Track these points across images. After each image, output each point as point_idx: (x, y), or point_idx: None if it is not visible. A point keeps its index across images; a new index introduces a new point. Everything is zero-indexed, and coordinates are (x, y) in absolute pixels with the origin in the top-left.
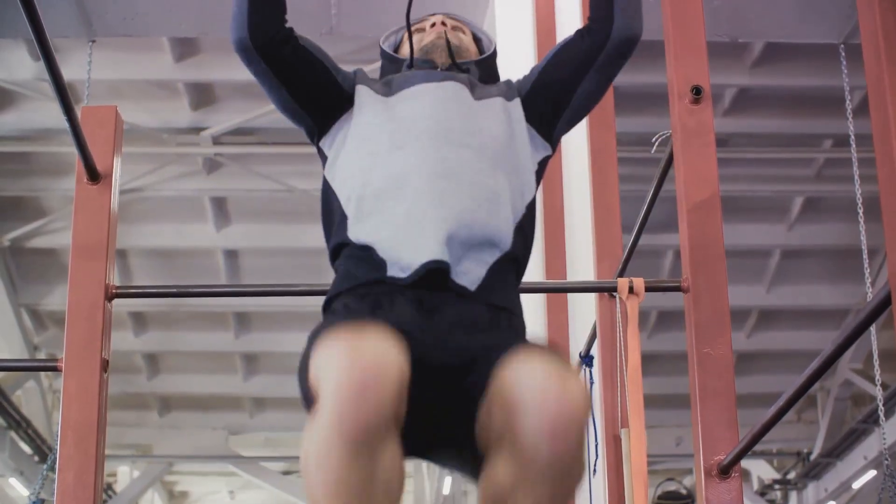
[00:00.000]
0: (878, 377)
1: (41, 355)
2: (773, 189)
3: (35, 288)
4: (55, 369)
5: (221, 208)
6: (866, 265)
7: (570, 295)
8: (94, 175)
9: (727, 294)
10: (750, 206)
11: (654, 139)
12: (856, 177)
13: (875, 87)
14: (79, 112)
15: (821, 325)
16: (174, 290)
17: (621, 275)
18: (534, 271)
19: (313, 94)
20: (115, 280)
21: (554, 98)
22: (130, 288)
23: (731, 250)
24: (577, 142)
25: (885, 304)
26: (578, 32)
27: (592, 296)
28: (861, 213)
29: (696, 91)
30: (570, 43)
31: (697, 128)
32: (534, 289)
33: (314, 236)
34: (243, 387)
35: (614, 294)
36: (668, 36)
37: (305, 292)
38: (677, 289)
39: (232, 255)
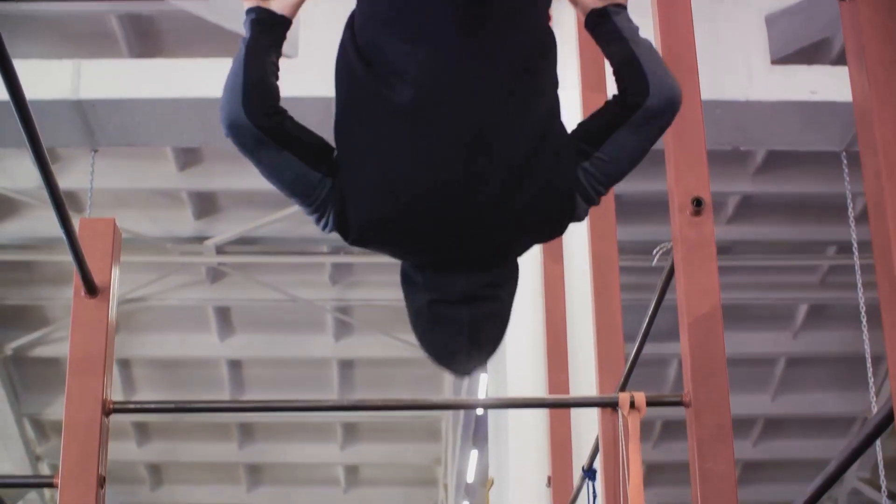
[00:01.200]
0: (883, 487)
1: (44, 466)
2: (778, 296)
3: (37, 398)
4: (51, 485)
5: (225, 318)
6: (870, 374)
7: (572, 409)
8: (91, 289)
9: (729, 408)
10: (754, 313)
11: (654, 251)
12: (858, 284)
13: (874, 199)
14: (77, 224)
15: (827, 432)
16: (172, 405)
17: (624, 387)
18: (536, 385)
19: (319, 147)
20: (119, 390)
21: None
22: (129, 403)
23: (737, 358)
24: (578, 253)
25: (889, 418)
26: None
27: (595, 409)
28: (864, 321)
29: (697, 203)
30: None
31: (698, 240)
32: (537, 404)
33: (318, 346)
34: (247, 498)
35: (617, 408)
36: (668, 148)
37: (307, 407)
38: (679, 403)
39: (236, 364)
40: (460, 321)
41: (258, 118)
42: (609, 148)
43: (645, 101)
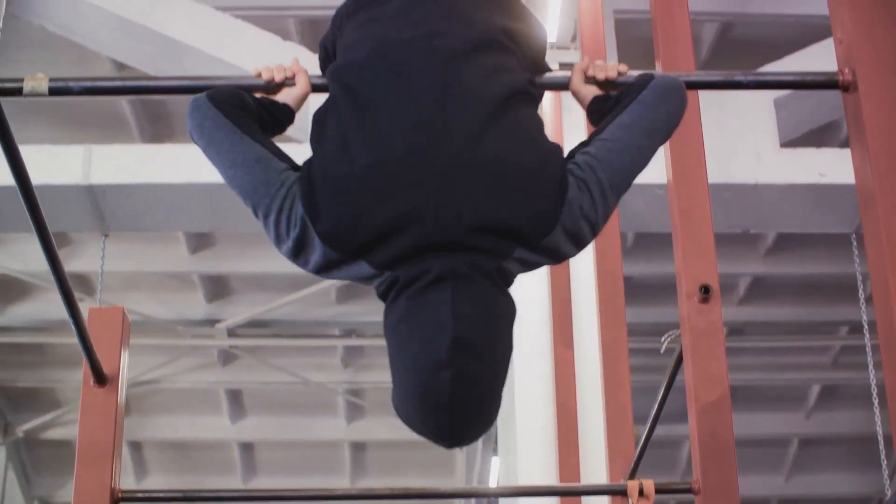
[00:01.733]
0: None
1: None
2: (790, 377)
3: (49, 480)
4: None
5: (237, 400)
6: (882, 455)
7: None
8: (100, 378)
9: (738, 495)
10: (767, 394)
11: (663, 339)
12: (870, 365)
13: (879, 285)
14: (86, 311)
15: None
16: (181, 494)
17: (634, 472)
18: (548, 469)
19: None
20: (130, 472)
21: None
22: (137, 492)
23: (749, 440)
24: (589, 338)
25: None
26: None
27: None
28: (876, 402)
29: (705, 290)
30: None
31: (706, 327)
32: (546, 492)
33: (329, 428)
34: None
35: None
36: (676, 234)
37: (317, 496)
38: (688, 490)
39: (247, 447)
40: (443, 386)
41: (222, 105)
42: (613, 129)
43: (651, 82)
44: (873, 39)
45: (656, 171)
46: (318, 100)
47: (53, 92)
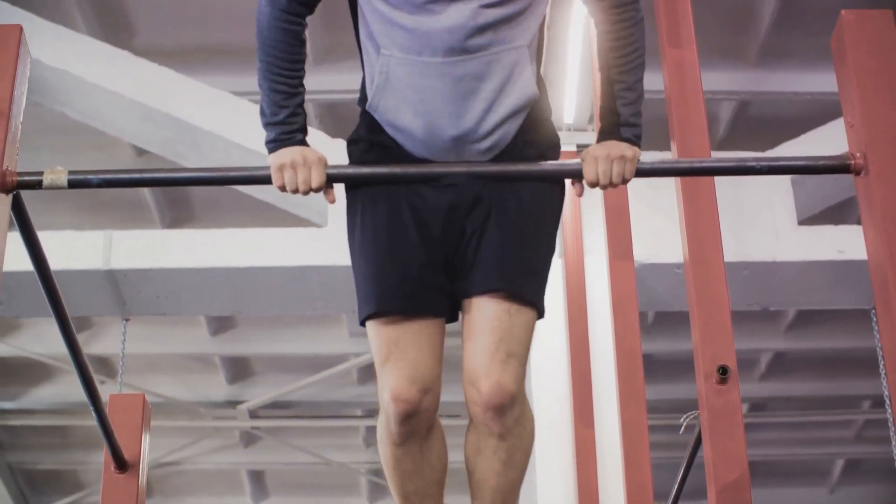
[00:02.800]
0: None
1: None
2: (813, 452)
3: None
4: None
5: (259, 481)
6: None
7: None
8: (121, 464)
9: None
10: (790, 469)
11: (682, 420)
12: (893, 439)
13: (892, 358)
14: (108, 394)
15: None
16: None
17: None
18: None
19: None
20: None
21: None
22: None
23: None
24: (609, 417)
25: None
26: None
27: None
28: None
29: (723, 371)
30: None
31: (725, 408)
32: None
33: None
34: None
35: None
36: (693, 315)
37: None
38: None
39: None
40: None
41: None
42: None
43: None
44: (883, 123)
45: (674, 250)
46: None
47: (73, 185)
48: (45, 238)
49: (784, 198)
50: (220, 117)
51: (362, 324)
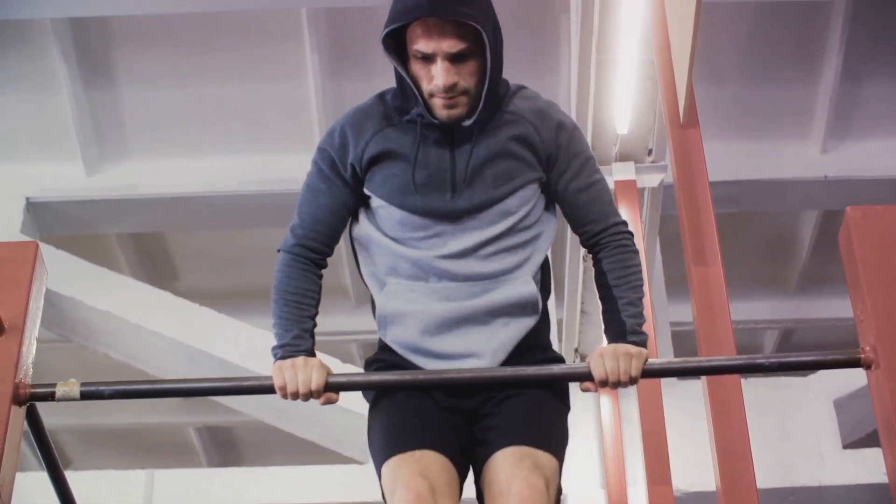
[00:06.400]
0: None
1: None
2: None
3: None
4: None
5: None
6: None
7: None
8: None
9: None
10: None
11: None
12: None
13: None
14: None
15: None
16: None
17: None
18: None
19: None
20: None
21: None
22: None
23: None
24: None
25: None
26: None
27: None
28: None
29: None
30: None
31: None
32: None
33: None
34: None
35: None
36: None
37: None
38: None
39: None
40: None
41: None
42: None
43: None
44: (892, 316)
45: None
46: None
47: (85, 396)
48: (85, 478)
49: (827, 422)
50: (260, 357)
51: (379, 475)
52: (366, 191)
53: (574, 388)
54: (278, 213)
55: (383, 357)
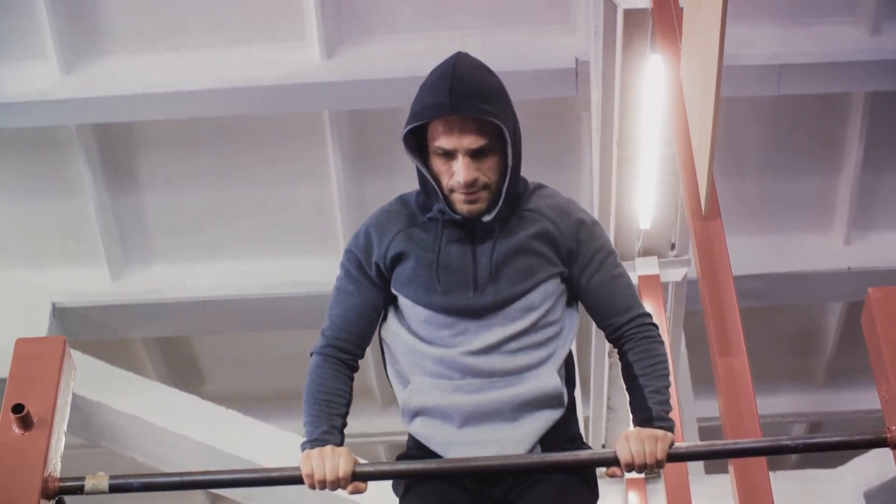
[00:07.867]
0: None
1: None
2: None
3: None
4: None
5: None
6: None
7: None
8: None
9: None
10: None
11: None
12: None
13: None
14: None
15: None
16: None
17: None
18: None
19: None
20: None
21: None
22: None
23: None
24: None
25: None
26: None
27: None
28: None
29: None
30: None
31: None
32: None
33: None
34: None
35: None
36: None
37: None
38: None
39: None
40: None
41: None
42: None
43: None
44: None
45: None
46: None
47: (114, 489)
48: None
49: None
50: (288, 459)
51: None
52: (393, 290)
53: (602, 483)
54: (303, 316)
55: (411, 451)
